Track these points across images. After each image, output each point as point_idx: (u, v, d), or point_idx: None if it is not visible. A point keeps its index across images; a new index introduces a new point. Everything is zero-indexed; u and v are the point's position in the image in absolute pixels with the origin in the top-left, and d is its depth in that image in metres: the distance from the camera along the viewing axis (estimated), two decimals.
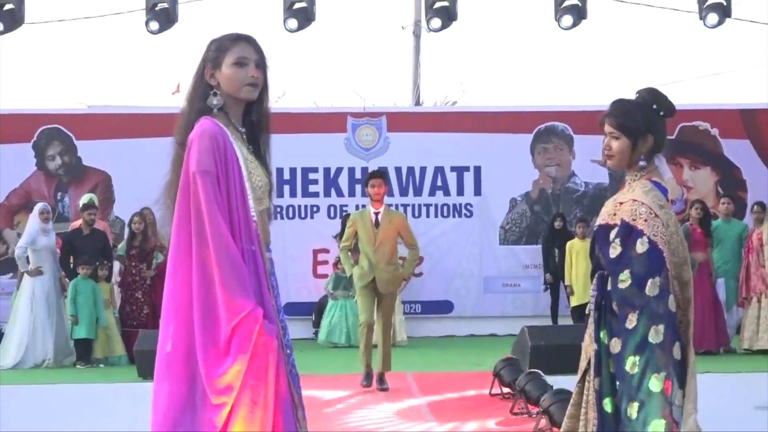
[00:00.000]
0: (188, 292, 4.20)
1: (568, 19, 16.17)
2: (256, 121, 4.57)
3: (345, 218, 16.55)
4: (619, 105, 4.94)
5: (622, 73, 40.22)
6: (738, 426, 10.09)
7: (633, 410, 4.60)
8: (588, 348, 4.88)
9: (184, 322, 4.19)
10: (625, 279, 4.67)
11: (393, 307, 12.03)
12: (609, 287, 4.76)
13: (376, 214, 11.68)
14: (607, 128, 4.90)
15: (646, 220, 4.71)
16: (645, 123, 4.85)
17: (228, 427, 4.07)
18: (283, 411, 4.15)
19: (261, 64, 4.47)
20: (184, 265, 4.22)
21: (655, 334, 4.61)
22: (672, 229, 4.77)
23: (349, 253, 11.90)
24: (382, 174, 12.02)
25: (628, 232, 4.72)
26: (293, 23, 16.11)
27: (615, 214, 4.83)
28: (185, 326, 4.19)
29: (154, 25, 15.98)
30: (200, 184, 4.20)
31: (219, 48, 4.45)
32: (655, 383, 4.59)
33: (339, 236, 16.50)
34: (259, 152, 4.55)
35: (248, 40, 4.47)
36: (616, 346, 4.68)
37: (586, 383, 4.85)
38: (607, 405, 4.74)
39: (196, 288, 4.16)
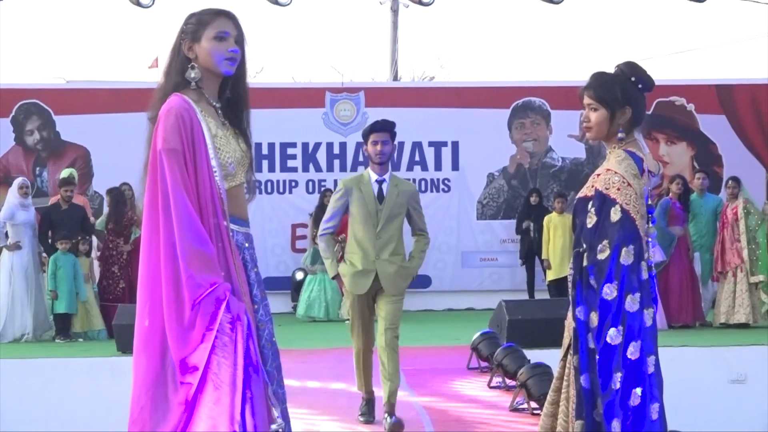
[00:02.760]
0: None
1: None
2: (236, 98, 4.56)
3: (324, 194, 16.49)
4: (598, 77, 5.01)
5: (599, 48, 40.37)
6: (713, 399, 10.21)
7: (616, 381, 4.66)
8: (570, 325, 4.93)
9: (160, 299, 4.19)
10: (602, 250, 4.73)
11: (400, 314, 8.20)
12: (585, 263, 4.80)
13: (380, 182, 8.20)
14: (586, 100, 4.96)
15: (618, 189, 4.78)
16: (623, 95, 4.91)
17: (194, 408, 4.07)
18: (253, 389, 4.14)
19: (240, 41, 4.48)
20: (157, 242, 4.23)
21: (632, 303, 4.69)
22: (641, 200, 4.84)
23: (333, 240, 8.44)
24: (388, 126, 8.18)
25: (602, 201, 4.79)
26: None
27: (592, 186, 4.89)
28: (161, 303, 4.18)
29: None
30: (166, 163, 4.22)
31: (199, 21, 4.44)
32: (632, 351, 4.66)
33: (315, 213, 16.41)
34: (240, 126, 4.56)
35: (229, 16, 4.47)
36: (594, 320, 4.73)
37: (569, 358, 4.91)
38: (585, 381, 4.79)
39: (164, 267, 4.16)
